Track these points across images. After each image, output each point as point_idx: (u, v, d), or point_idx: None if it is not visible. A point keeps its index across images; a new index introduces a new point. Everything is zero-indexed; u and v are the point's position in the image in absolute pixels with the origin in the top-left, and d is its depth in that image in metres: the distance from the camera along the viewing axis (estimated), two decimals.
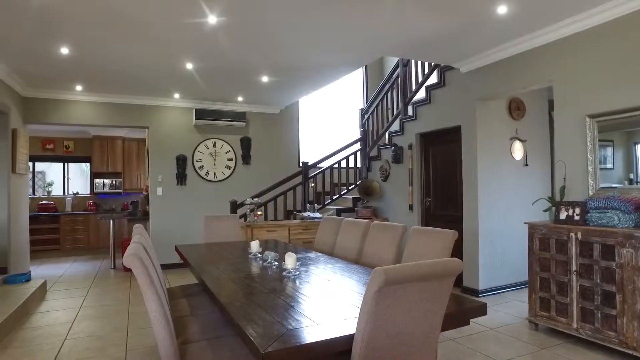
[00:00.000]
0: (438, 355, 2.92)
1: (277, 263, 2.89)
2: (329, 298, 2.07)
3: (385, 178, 6.32)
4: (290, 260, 2.57)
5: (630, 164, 3.37)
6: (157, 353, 2.74)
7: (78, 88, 5.75)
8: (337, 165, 6.71)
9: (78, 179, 9.14)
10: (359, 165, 6.91)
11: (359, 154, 6.89)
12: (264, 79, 5.45)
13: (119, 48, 4.19)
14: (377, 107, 6.85)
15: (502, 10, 3.39)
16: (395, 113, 6.32)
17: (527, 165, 4.96)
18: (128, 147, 9.00)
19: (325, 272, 2.70)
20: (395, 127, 6.29)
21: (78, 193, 8.92)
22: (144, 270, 1.83)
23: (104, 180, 8.80)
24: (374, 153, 6.78)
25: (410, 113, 5.88)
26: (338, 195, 6.77)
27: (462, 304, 2.03)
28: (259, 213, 5.78)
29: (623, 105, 3.24)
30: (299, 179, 6.42)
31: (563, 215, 3.42)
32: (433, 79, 5.56)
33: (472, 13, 3.46)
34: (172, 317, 2.14)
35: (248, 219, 5.59)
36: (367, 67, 8.10)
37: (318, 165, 6.64)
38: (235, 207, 5.87)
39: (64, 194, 8.89)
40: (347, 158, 6.76)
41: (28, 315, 4.15)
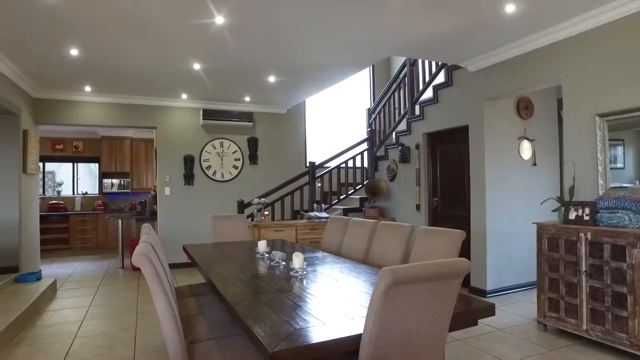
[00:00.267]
0: (446, 356, 2.91)
1: (284, 263, 2.90)
2: (336, 298, 2.07)
3: (393, 178, 6.31)
4: (298, 260, 2.58)
5: None
6: (165, 352, 2.76)
7: (87, 89, 5.80)
8: (344, 165, 6.71)
9: (87, 179, 9.24)
10: (366, 165, 6.90)
11: (366, 154, 6.88)
12: (271, 79, 5.47)
13: (128, 49, 4.23)
14: (384, 106, 6.83)
15: (510, 9, 3.36)
16: (403, 113, 6.30)
17: (535, 165, 4.92)
18: (136, 147, 9.07)
19: (333, 272, 2.70)
20: (403, 126, 6.27)
21: (87, 193, 9.01)
22: (153, 270, 1.84)
23: (113, 180, 8.88)
24: (381, 153, 6.77)
25: (418, 113, 5.86)
26: (345, 195, 6.76)
27: (470, 304, 2.02)
28: (266, 213, 5.80)
29: (634, 104, 3.20)
30: (306, 179, 6.43)
31: (572, 216, 3.39)
32: (440, 79, 5.53)
33: (479, 12, 3.44)
34: (180, 316, 2.16)
35: (255, 219, 5.60)
36: (374, 66, 8.08)
37: (325, 165, 6.64)
38: (243, 207, 5.89)
39: (73, 194, 8.98)
40: (354, 158, 6.75)
41: (39, 314, 4.20)
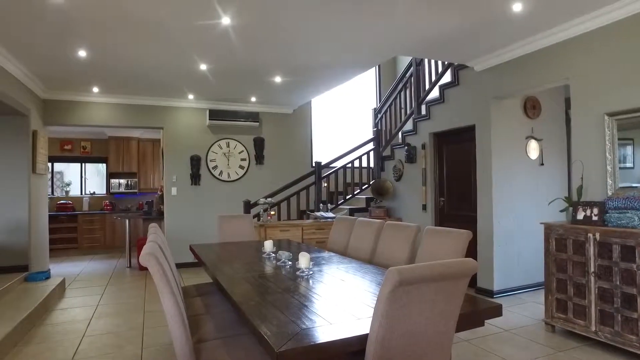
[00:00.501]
0: (452, 356, 2.90)
1: (290, 262, 2.90)
2: (343, 298, 2.07)
3: (399, 178, 6.29)
4: (304, 260, 2.58)
5: None
6: (172, 351, 2.78)
7: (95, 90, 5.85)
8: (350, 165, 6.70)
9: (95, 179, 9.32)
10: (372, 165, 6.89)
11: (372, 154, 6.87)
12: (277, 79, 5.48)
13: (135, 50, 4.26)
14: (390, 106, 6.82)
15: (517, 8, 3.34)
16: (409, 112, 6.28)
17: (542, 165, 4.88)
18: (143, 147, 9.14)
19: (339, 271, 2.71)
20: (409, 126, 6.25)
21: (95, 193, 9.09)
22: (160, 269, 1.85)
23: (120, 180, 8.95)
24: (387, 153, 6.76)
25: (424, 112, 5.84)
26: (351, 195, 6.75)
27: (476, 305, 2.02)
28: (272, 213, 5.81)
29: None
30: (312, 179, 6.43)
31: (580, 216, 3.36)
32: (447, 78, 5.51)
33: (487, 11, 3.42)
34: (187, 315, 2.17)
35: (261, 219, 5.62)
36: (380, 66, 8.07)
37: (331, 165, 6.64)
38: (249, 206, 5.91)
39: (81, 194, 9.07)
40: (360, 158, 6.74)
41: (48, 312, 4.25)
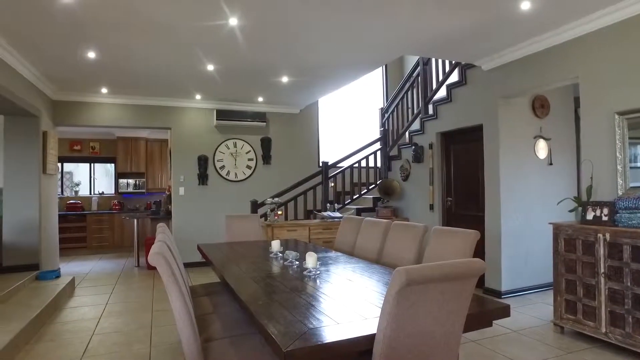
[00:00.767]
0: (460, 357, 2.89)
1: (297, 262, 2.91)
2: (350, 297, 2.07)
3: (406, 177, 6.28)
4: (311, 260, 2.59)
5: None
6: (180, 350, 2.80)
7: (103, 91, 5.91)
8: (357, 165, 6.69)
9: (103, 179, 9.40)
10: (379, 165, 6.88)
11: (379, 154, 6.86)
12: (284, 79, 5.49)
13: (143, 51, 4.29)
14: (397, 106, 6.80)
15: (525, 6, 3.32)
16: (416, 112, 6.26)
17: (551, 165, 4.84)
18: (151, 147, 9.20)
19: (346, 271, 2.71)
20: (416, 126, 6.23)
21: (103, 193, 9.17)
22: (169, 269, 1.86)
23: (128, 180, 9.02)
24: (394, 152, 6.74)
25: (431, 112, 5.82)
26: (358, 195, 6.75)
27: (484, 305, 2.00)
28: (280, 213, 5.82)
29: None
30: (319, 179, 6.44)
31: (590, 216, 3.32)
32: (454, 78, 5.48)
33: (494, 10, 3.40)
34: (194, 315, 2.18)
35: (268, 219, 5.63)
36: (387, 66, 8.05)
37: (338, 165, 6.64)
38: (256, 206, 5.93)
39: (90, 194, 9.16)
40: (367, 158, 6.73)
41: (58, 310, 4.30)
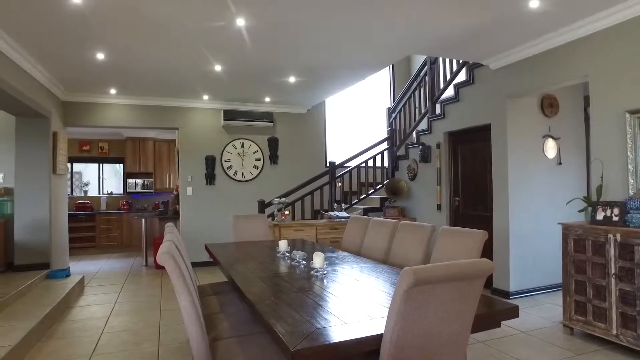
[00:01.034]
0: (468, 358, 2.87)
1: (305, 262, 2.91)
2: (357, 297, 2.07)
3: (413, 177, 6.25)
4: (318, 260, 2.59)
5: None
6: (188, 349, 2.82)
7: (112, 91, 5.96)
8: (364, 165, 6.69)
9: (112, 179, 9.50)
10: (386, 165, 6.86)
11: (386, 153, 6.84)
12: (291, 80, 5.50)
13: (151, 52, 4.32)
14: (404, 105, 6.78)
15: (534, 5, 3.29)
16: (423, 112, 6.24)
17: (560, 164, 4.79)
18: (159, 148, 9.27)
19: (353, 271, 2.70)
20: (423, 125, 6.20)
21: (112, 193, 9.26)
22: (177, 268, 1.88)
23: (136, 180, 9.09)
24: (402, 152, 6.72)
25: (438, 111, 5.79)
26: (365, 195, 6.74)
27: (492, 306, 1.99)
28: (287, 212, 5.83)
29: None
30: (326, 179, 6.43)
31: (600, 216, 3.29)
32: (461, 77, 5.45)
33: (502, 8, 3.37)
34: (202, 314, 2.20)
35: (276, 219, 5.65)
36: (394, 65, 8.03)
37: (345, 165, 6.64)
38: (263, 206, 5.95)
39: (99, 194, 9.25)
40: (374, 157, 6.72)
41: (68, 309, 4.35)
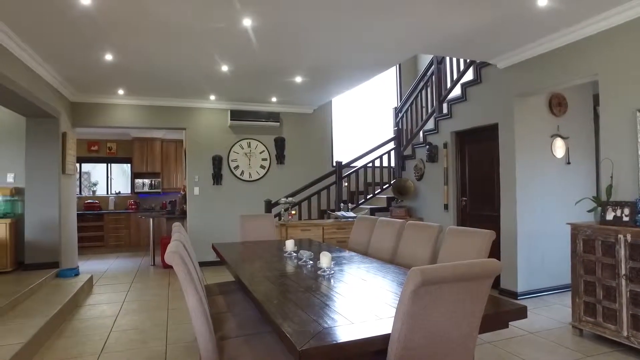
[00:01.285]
0: (475, 359, 2.86)
1: (311, 262, 2.92)
2: (364, 297, 2.07)
3: (420, 177, 6.23)
4: (325, 260, 2.59)
5: None
6: (196, 347, 2.84)
7: (120, 92, 6.01)
8: (370, 165, 6.68)
9: (120, 179, 9.58)
10: (393, 165, 6.85)
11: (393, 153, 6.83)
12: (298, 79, 5.51)
13: (159, 53, 4.35)
14: (411, 105, 6.76)
15: (542, 3, 3.26)
16: (430, 111, 6.22)
17: (569, 164, 4.75)
18: (166, 148, 9.33)
19: (360, 271, 2.70)
20: (430, 125, 6.18)
21: (120, 192, 9.34)
22: (185, 268, 1.89)
23: (144, 180, 9.16)
24: (408, 152, 6.70)
25: (445, 111, 5.77)
26: (372, 195, 6.73)
27: (500, 306, 1.98)
28: (293, 212, 5.84)
29: None
30: (333, 179, 6.44)
31: (610, 216, 3.25)
32: (469, 76, 5.43)
33: (510, 7, 3.35)
34: (209, 313, 2.21)
35: (282, 218, 5.66)
36: (400, 65, 8.00)
37: (352, 165, 6.63)
38: (270, 206, 5.96)
39: (107, 194, 9.33)
40: (380, 157, 6.71)
41: (77, 308, 4.39)
